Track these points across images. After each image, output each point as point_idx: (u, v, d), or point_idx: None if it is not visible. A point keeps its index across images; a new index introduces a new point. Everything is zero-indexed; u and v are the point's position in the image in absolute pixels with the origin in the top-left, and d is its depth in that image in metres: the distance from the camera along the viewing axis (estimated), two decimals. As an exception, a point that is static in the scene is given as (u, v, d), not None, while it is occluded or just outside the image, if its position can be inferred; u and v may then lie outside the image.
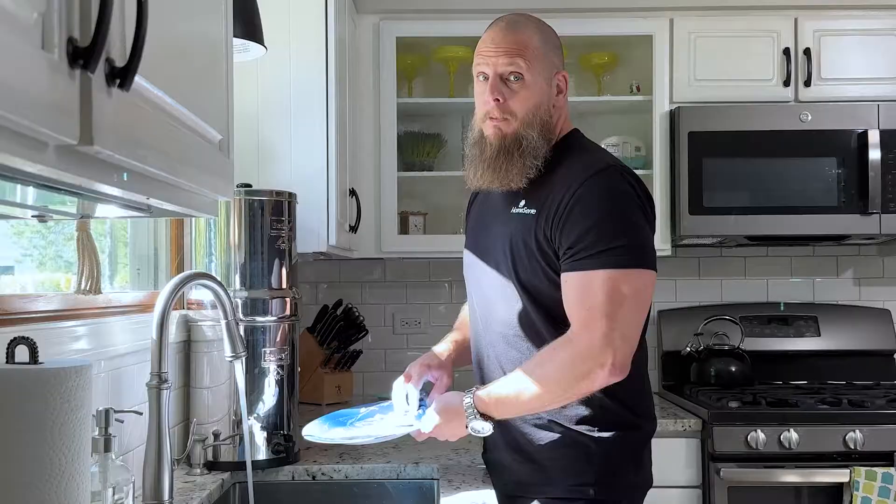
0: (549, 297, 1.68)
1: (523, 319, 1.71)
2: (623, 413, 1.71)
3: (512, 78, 1.69)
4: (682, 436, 2.67)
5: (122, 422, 1.40)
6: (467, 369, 1.91)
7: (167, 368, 1.67)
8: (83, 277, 1.23)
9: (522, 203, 1.72)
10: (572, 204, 1.62)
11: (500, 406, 1.64)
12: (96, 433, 1.34)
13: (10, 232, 1.82)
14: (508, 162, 1.69)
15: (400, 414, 1.80)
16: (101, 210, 1.09)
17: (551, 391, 1.61)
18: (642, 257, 1.62)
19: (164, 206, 1.00)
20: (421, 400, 1.81)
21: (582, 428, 1.69)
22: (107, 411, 1.35)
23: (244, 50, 1.86)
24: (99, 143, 0.68)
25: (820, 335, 3.23)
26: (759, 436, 2.60)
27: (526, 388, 1.61)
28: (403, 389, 1.81)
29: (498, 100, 1.69)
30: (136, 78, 0.74)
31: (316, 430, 1.81)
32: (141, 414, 1.44)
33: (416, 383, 1.81)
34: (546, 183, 1.70)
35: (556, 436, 1.70)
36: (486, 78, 1.72)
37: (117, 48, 0.71)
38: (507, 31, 1.71)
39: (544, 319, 1.69)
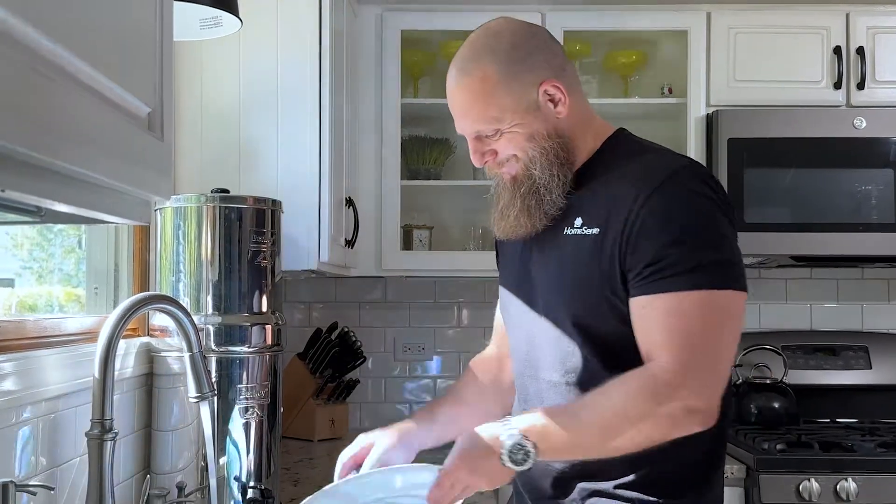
0: (614, 333, 1.35)
1: (579, 366, 1.39)
2: (700, 468, 1.39)
3: (487, 132, 1.42)
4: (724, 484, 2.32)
5: (34, 494, 1.08)
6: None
7: (111, 414, 1.35)
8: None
9: (580, 221, 1.39)
10: (646, 214, 1.31)
11: (550, 434, 1.26)
12: (-7, 514, 1.01)
13: (10, 244, 1.77)
14: (537, 199, 1.42)
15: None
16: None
17: (615, 425, 1.27)
18: (736, 275, 1.32)
19: (56, 206, 0.68)
20: None
21: (646, 495, 1.35)
22: (4, 486, 1.02)
23: (215, 24, 1.55)
24: None
25: (871, 368, 2.89)
26: (811, 485, 2.27)
27: (585, 414, 1.29)
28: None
29: (487, 161, 1.45)
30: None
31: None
32: (52, 489, 1.11)
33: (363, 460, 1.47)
34: (604, 194, 1.38)
35: None
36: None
37: None
38: (457, 87, 1.43)
39: (606, 366, 1.35)
